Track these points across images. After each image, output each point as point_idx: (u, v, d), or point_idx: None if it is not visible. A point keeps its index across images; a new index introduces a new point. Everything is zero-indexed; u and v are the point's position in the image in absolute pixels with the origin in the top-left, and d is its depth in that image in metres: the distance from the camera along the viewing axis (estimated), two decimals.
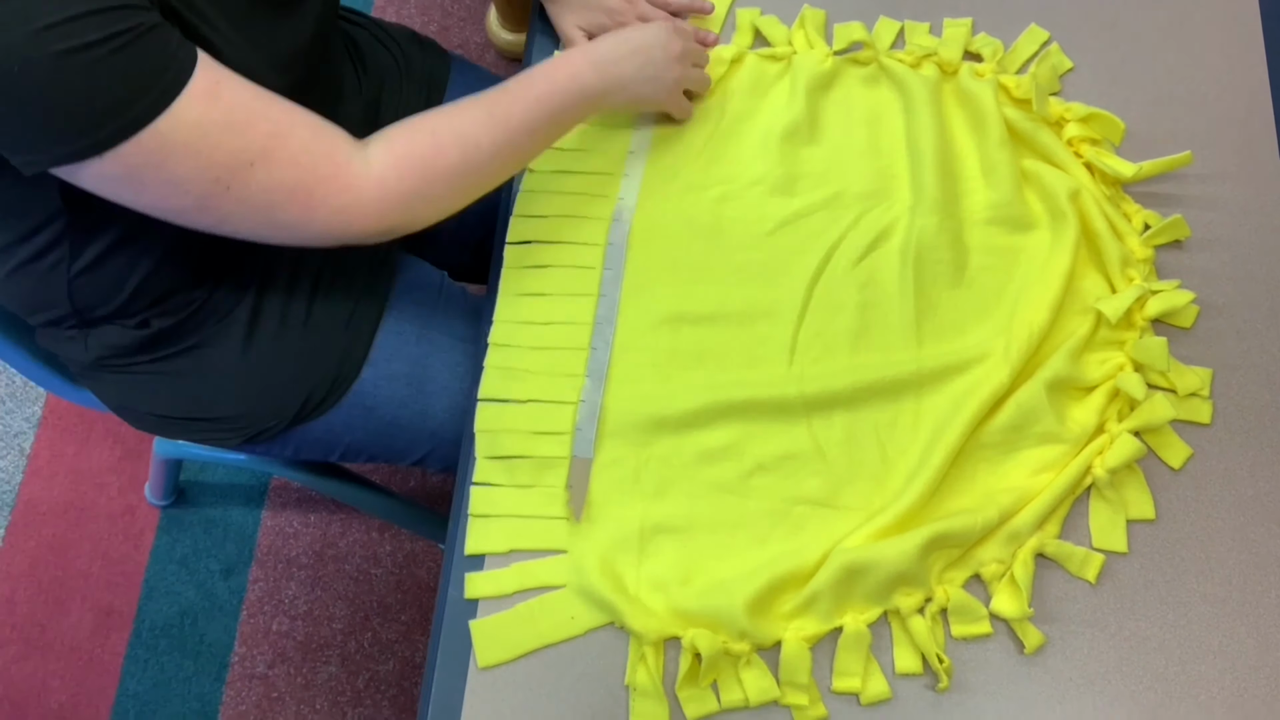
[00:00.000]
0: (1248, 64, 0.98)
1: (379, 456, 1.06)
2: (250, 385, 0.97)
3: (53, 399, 1.72)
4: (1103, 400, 0.85)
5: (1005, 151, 0.93)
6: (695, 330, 0.90)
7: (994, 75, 0.97)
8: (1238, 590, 0.79)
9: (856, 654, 0.77)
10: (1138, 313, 0.88)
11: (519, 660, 0.79)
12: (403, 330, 1.02)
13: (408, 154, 0.80)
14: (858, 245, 0.92)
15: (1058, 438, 0.83)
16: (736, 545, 0.82)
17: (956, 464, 0.83)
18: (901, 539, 0.78)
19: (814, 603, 0.79)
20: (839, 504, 0.83)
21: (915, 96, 0.96)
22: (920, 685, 0.78)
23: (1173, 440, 0.84)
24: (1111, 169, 0.92)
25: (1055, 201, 0.91)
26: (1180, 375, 0.86)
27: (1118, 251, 0.89)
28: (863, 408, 0.86)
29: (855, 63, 1.00)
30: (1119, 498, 0.82)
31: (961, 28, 1.00)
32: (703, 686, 0.77)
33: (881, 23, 1.02)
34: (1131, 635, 0.78)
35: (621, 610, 0.78)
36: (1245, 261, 0.91)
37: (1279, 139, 0.95)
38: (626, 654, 0.79)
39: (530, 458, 0.86)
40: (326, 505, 1.64)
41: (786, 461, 0.85)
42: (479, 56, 1.95)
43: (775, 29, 1.02)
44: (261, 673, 1.54)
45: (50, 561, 1.61)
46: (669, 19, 1.00)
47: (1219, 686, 0.76)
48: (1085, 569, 0.80)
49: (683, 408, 0.86)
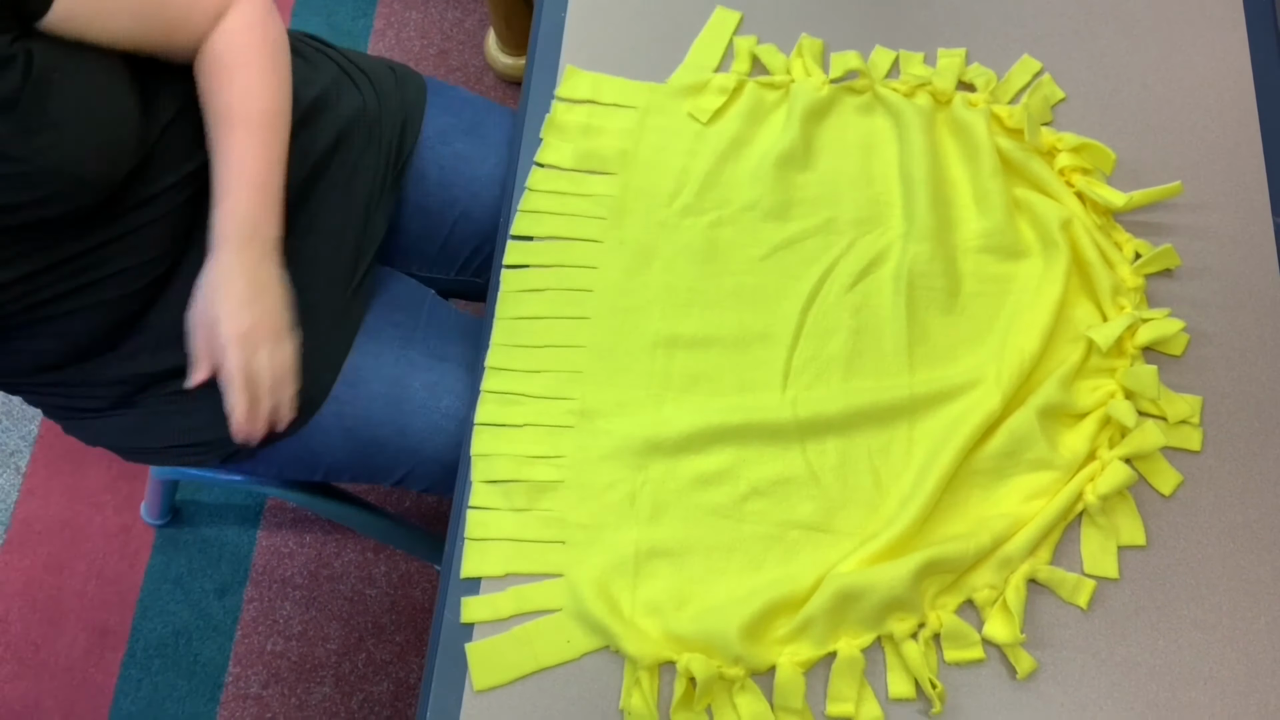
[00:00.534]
0: (1236, 94, 0.99)
1: (360, 476, 1.07)
2: (220, 408, 0.97)
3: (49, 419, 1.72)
4: (1094, 427, 0.86)
5: (997, 181, 0.94)
6: (689, 354, 0.91)
7: (987, 105, 0.99)
8: (1228, 617, 0.80)
9: (850, 679, 0.78)
10: (1128, 341, 0.89)
11: (514, 684, 0.79)
12: (380, 352, 1.02)
13: None
14: (851, 271, 0.93)
15: (1050, 464, 0.84)
16: (731, 569, 0.83)
17: (950, 490, 0.84)
18: (895, 564, 0.78)
19: (808, 628, 0.79)
20: (833, 529, 0.84)
21: (909, 125, 0.97)
22: (913, 710, 0.78)
23: (1163, 467, 0.85)
24: (1102, 198, 0.93)
25: (1047, 230, 0.92)
26: (1170, 403, 0.87)
27: (1109, 280, 0.90)
28: (856, 433, 0.87)
29: (851, 91, 1.01)
30: (1110, 524, 0.83)
31: (955, 58, 1.02)
32: (697, 711, 0.78)
33: (877, 52, 1.03)
34: (1123, 661, 0.79)
35: (617, 634, 0.79)
36: (1234, 290, 0.92)
37: (1266, 169, 0.96)
38: (621, 678, 0.79)
39: (526, 481, 0.86)
40: (321, 525, 1.64)
41: (780, 486, 0.85)
42: (478, 79, 1.97)
43: (774, 57, 1.03)
44: (255, 693, 1.53)
45: (45, 580, 1.61)
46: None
47: (1209, 713, 0.77)
48: (1077, 595, 0.81)
49: (678, 431, 0.86)
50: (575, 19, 1.07)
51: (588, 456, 0.87)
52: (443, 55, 1.98)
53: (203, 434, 0.98)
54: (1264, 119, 0.98)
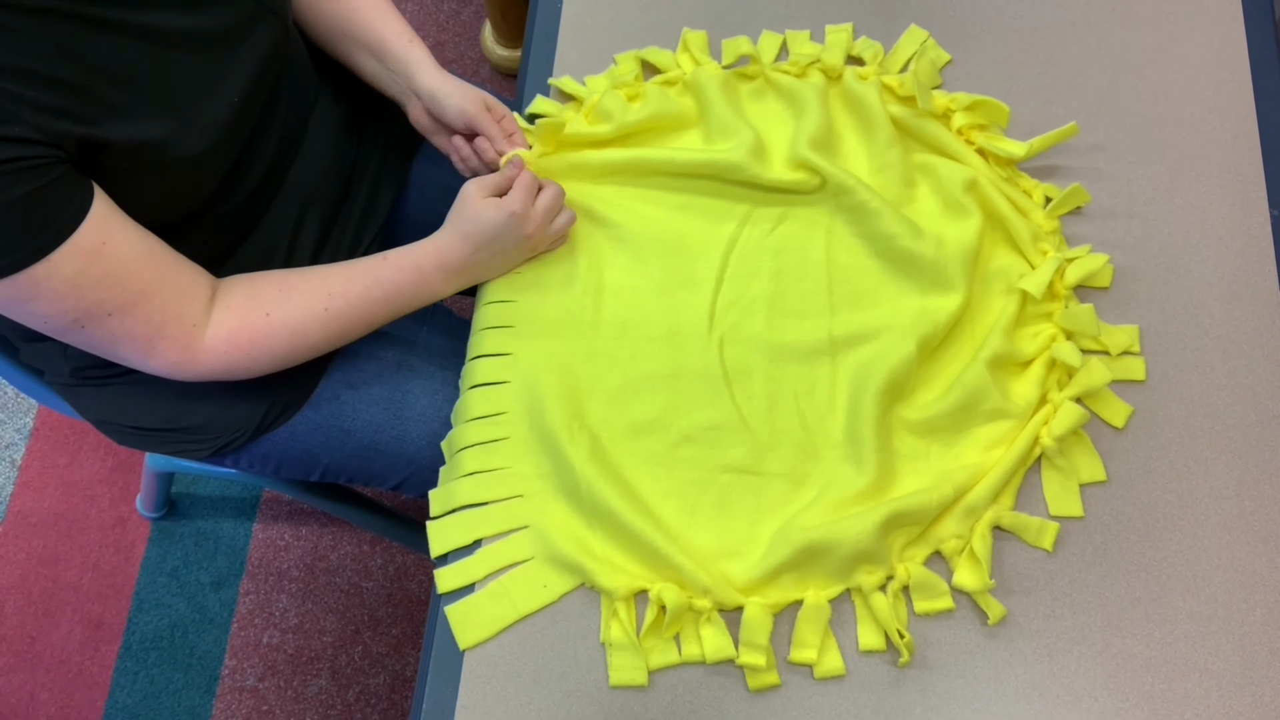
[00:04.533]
0: (1234, 86, 0.99)
1: (357, 479, 1.07)
2: (215, 394, 0.98)
3: (44, 411, 1.72)
4: (1042, 371, 0.87)
5: (895, 151, 0.95)
6: (617, 299, 0.92)
7: (877, 77, 1.00)
8: (1224, 608, 0.80)
9: (815, 626, 0.79)
10: (1059, 283, 0.90)
11: (512, 680, 0.79)
12: (383, 355, 1.02)
13: (240, 330, 0.85)
14: (771, 215, 0.95)
15: (1005, 413, 0.85)
16: (666, 515, 0.84)
17: (910, 447, 0.86)
18: (860, 518, 0.79)
19: (776, 579, 0.80)
20: (763, 471, 0.85)
21: (803, 106, 0.97)
22: (883, 661, 0.79)
23: (1113, 401, 0.86)
24: (1004, 150, 0.95)
25: (952, 194, 0.93)
26: (1110, 335, 0.88)
27: (1026, 228, 0.92)
28: (781, 376, 0.89)
29: (744, 77, 1.02)
30: (1069, 464, 0.84)
31: (843, 33, 1.03)
32: (665, 638, 0.79)
33: (765, 36, 1.04)
34: (1119, 653, 0.79)
35: (590, 570, 0.80)
36: (1231, 284, 0.92)
37: (1264, 161, 0.96)
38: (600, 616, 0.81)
39: (474, 445, 0.87)
40: (318, 518, 1.64)
41: (711, 432, 0.87)
42: (474, 72, 1.96)
43: (661, 56, 1.04)
44: (252, 686, 1.53)
45: (40, 573, 1.61)
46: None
47: (1205, 704, 0.77)
48: (1042, 538, 0.82)
49: (610, 383, 0.88)
50: (571, 10, 1.07)
51: (528, 408, 0.88)
52: (439, 47, 1.97)
53: (198, 416, 0.99)
54: (1261, 112, 0.98)
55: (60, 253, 0.73)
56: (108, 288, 0.77)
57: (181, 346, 0.83)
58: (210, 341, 0.84)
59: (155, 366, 0.84)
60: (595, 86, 1.02)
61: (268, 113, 0.91)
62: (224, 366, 0.86)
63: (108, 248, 0.76)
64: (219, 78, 0.83)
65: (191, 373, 0.85)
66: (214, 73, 0.83)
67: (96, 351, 0.83)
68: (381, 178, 1.09)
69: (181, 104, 0.80)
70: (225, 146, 0.85)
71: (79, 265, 0.74)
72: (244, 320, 0.85)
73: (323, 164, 1.01)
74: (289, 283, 0.88)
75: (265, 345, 0.86)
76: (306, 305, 0.87)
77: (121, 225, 0.77)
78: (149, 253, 0.80)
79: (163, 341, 0.82)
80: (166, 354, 0.83)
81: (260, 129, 0.91)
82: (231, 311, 0.85)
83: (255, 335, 0.86)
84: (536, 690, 0.79)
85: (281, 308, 0.86)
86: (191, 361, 0.84)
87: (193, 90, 0.81)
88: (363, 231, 1.06)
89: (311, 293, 0.88)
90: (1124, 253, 0.93)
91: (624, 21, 1.06)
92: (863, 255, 0.93)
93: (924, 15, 1.05)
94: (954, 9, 1.06)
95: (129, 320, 0.80)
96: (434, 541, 0.84)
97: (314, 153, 0.99)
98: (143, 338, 0.81)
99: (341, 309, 0.88)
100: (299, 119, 0.98)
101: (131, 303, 0.79)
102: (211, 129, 0.82)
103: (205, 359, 0.85)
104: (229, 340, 0.85)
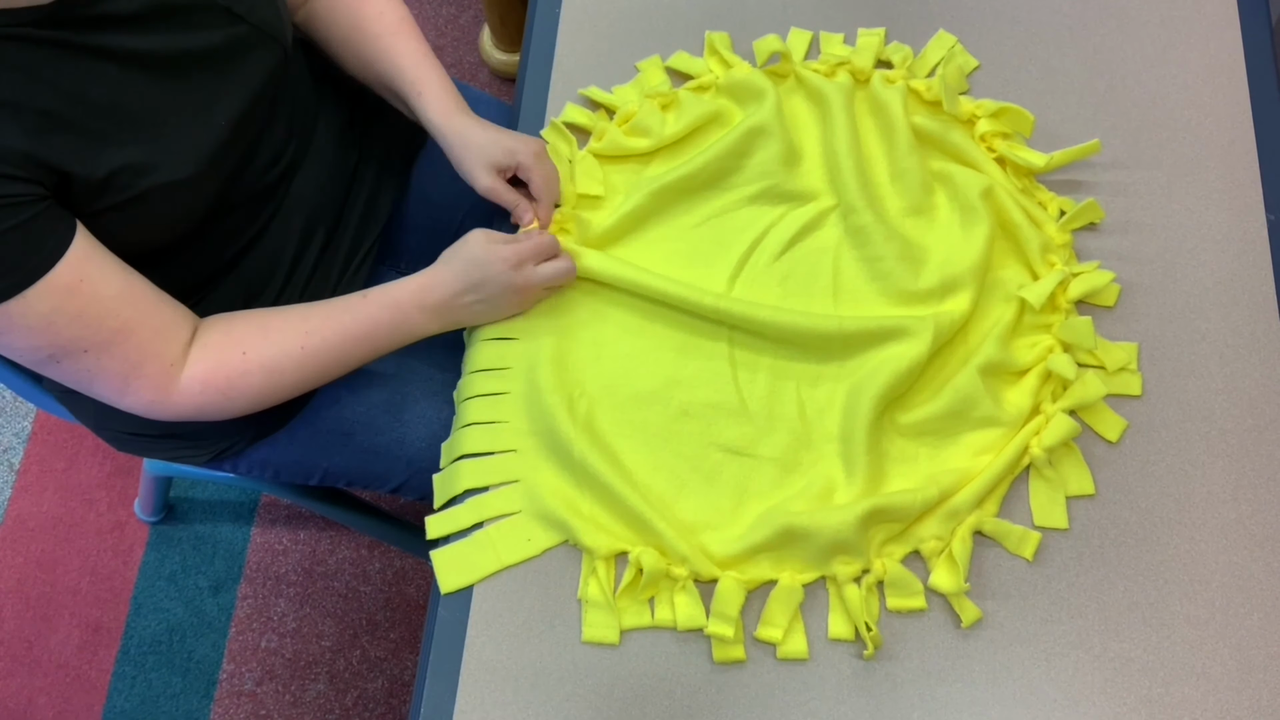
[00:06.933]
0: (1230, 91, 1.00)
1: (356, 482, 1.07)
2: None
3: (43, 415, 1.72)
4: (1036, 382, 0.87)
5: (913, 158, 0.95)
6: (629, 299, 0.92)
7: (904, 81, 1.00)
8: (1221, 613, 0.80)
9: (785, 607, 0.79)
10: (1061, 296, 0.90)
11: (510, 684, 0.79)
12: (383, 357, 1.02)
13: (215, 370, 0.84)
14: (780, 239, 0.95)
15: (996, 421, 0.86)
16: (656, 485, 0.85)
17: (899, 451, 0.86)
18: (842, 509, 0.80)
19: (753, 559, 0.81)
20: (754, 454, 0.86)
21: (831, 105, 0.98)
22: (848, 652, 0.79)
23: (1107, 415, 0.86)
24: (1023, 160, 0.95)
25: (967, 200, 0.93)
26: (1108, 351, 0.88)
27: (1037, 239, 0.92)
28: (787, 363, 0.89)
29: (775, 75, 1.03)
30: (1057, 475, 0.84)
31: (874, 37, 1.03)
32: (640, 600, 0.80)
33: (793, 33, 1.05)
34: (1116, 657, 0.79)
35: (575, 527, 0.82)
36: (1228, 288, 0.92)
37: (1260, 166, 0.96)
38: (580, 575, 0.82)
39: (476, 397, 0.89)
40: (316, 522, 1.64)
41: (710, 410, 0.88)
42: (472, 76, 1.96)
43: (691, 63, 1.04)
44: (250, 690, 1.53)
45: (38, 577, 1.61)
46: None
47: (1202, 708, 0.77)
48: (1023, 547, 0.82)
49: (617, 352, 0.90)
50: (570, 15, 1.07)
51: (528, 367, 0.89)
52: (437, 51, 1.98)
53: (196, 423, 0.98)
54: (1257, 116, 0.98)
55: (35, 290, 0.73)
56: (84, 325, 0.76)
57: (157, 386, 0.82)
58: (186, 382, 0.84)
59: (130, 404, 0.83)
60: (623, 96, 1.02)
61: (268, 133, 0.91)
62: (197, 407, 0.85)
63: (85, 285, 0.75)
64: (207, 101, 0.83)
65: (167, 412, 0.84)
66: (202, 96, 0.83)
67: (72, 386, 0.82)
68: (381, 181, 1.09)
69: (165, 128, 0.80)
70: (214, 170, 0.84)
71: (54, 302, 0.74)
72: (220, 360, 0.84)
73: (324, 175, 1.01)
74: (268, 321, 0.87)
75: (241, 385, 0.85)
76: (282, 344, 0.86)
77: (101, 262, 0.77)
78: (129, 290, 0.79)
79: (139, 380, 0.81)
80: (141, 393, 0.82)
81: (258, 149, 0.91)
82: (208, 350, 0.85)
83: (231, 375, 0.85)
84: (534, 695, 0.79)
85: (257, 346, 0.86)
86: (167, 401, 0.83)
87: (178, 114, 0.81)
88: (363, 235, 1.06)
89: (289, 330, 0.87)
90: (1121, 258, 0.93)
91: (623, 26, 1.07)
92: (868, 280, 0.93)
93: (951, 20, 1.05)
94: (982, 15, 1.06)
95: (105, 358, 0.79)
96: (438, 491, 0.87)
97: (316, 166, 0.99)
98: (118, 376, 0.80)
99: (318, 346, 0.87)
100: (301, 135, 0.98)
101: (109, 340, 0.78)
102: (199, 152, 0.82)
103: (180, 399, 0.84)
104: (204, 380, 0.84)
